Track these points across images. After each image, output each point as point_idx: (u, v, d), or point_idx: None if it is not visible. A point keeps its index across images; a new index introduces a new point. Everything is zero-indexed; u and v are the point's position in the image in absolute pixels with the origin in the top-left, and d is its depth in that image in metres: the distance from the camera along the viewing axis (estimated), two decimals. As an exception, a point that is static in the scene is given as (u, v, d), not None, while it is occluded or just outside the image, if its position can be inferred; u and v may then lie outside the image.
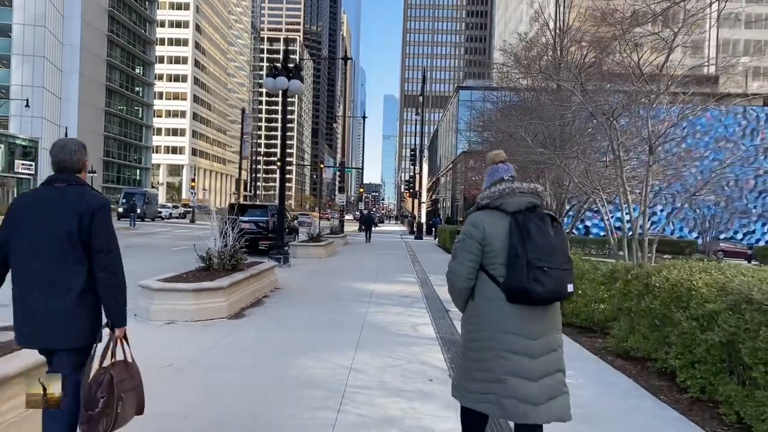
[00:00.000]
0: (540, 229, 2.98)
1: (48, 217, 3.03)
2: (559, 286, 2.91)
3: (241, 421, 4.36)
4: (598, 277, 7.86)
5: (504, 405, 2.96)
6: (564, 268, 2.95)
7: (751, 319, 4.42)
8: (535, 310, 3.00)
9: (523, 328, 2.98)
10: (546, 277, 2.86)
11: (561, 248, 3.00)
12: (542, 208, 3.17)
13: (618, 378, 6.02)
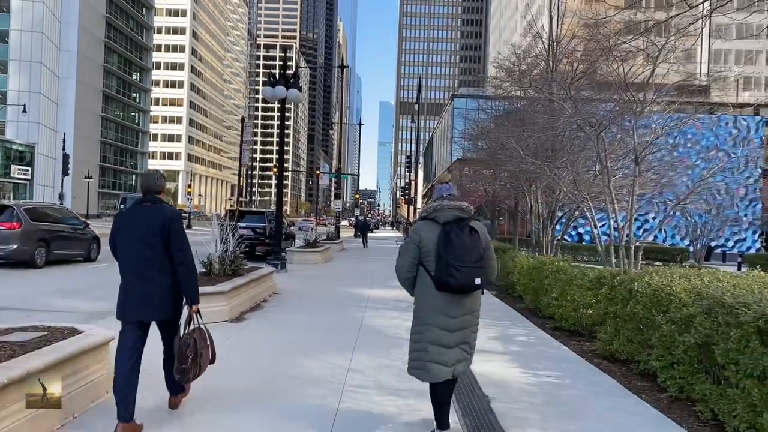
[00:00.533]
0: (458, 237, 3.97)
1: (139, 226, 4.31)
2: (468, 280, 3.91)
3: (248, 415, 4.65)
4: (585, 283, 8.18)
5: (431, 371, 4.04)
6: (473, 267, 3.93)
7: (723, 321, 4.74)
8: (455, 297, 4.01)
9: (446, 309, 4.04)
10: (458, 273, 3.87)
11: (473, 251, 3.97)
12: (467, 220, 4.11)
13: (602, 378, 6.34)
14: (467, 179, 33.57)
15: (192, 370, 4.44)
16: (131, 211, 4.50)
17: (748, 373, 4.39)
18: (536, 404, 5.27)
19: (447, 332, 4.06)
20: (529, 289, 11.02)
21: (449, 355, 4.06)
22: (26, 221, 15.23)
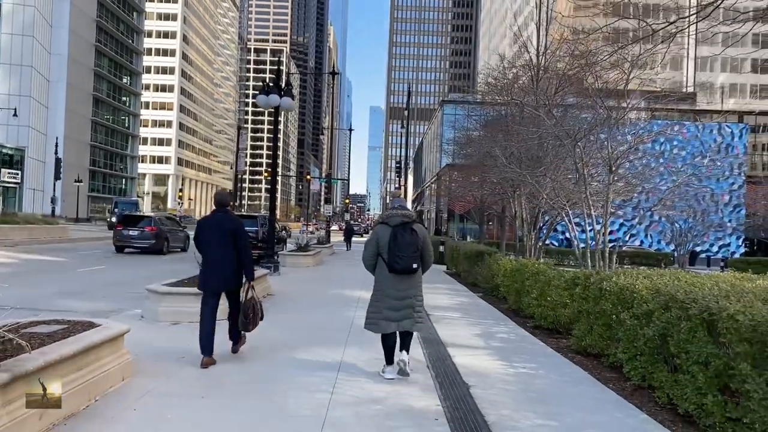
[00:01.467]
0: (402, 235, 5.93)
1: (217, 227, 6.55)
2: (408, 265, 5.90)
3: (252, 401, 5.18)
4: (562, 284, 8.76)
5: (381, 326, 6.00)
6: (412, 256, 5.91)
7: (676, 315, 5.33)
8: (401, 276, 5.97)
9: (395, 284, 6.01)
10: (401, 260, 5.87)
11: (411, 245, 5.92)
12: (410, 224, 6.04)
13: (574, 370, 6.91)
14: (456, 185, 34.20)
15: (251, 323, 6.59)
16: (211, 218, 6.73)
17: (695, 360, 4.97)
18: (511, 391, 5.84)
19: (396, 300, 6.00)
20: (511, 291, 11.60)
21: (396, 315, 5.98)
22: (159, 226, 23.81)
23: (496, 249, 17.57)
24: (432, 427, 4.62)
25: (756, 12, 7.21)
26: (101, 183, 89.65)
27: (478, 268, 15.81)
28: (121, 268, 18.18)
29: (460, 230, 59.97)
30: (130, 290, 12.47)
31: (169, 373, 5.89)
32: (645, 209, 12.20)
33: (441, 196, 57.20)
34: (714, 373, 4.78)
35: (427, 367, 6.63)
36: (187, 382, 5.66)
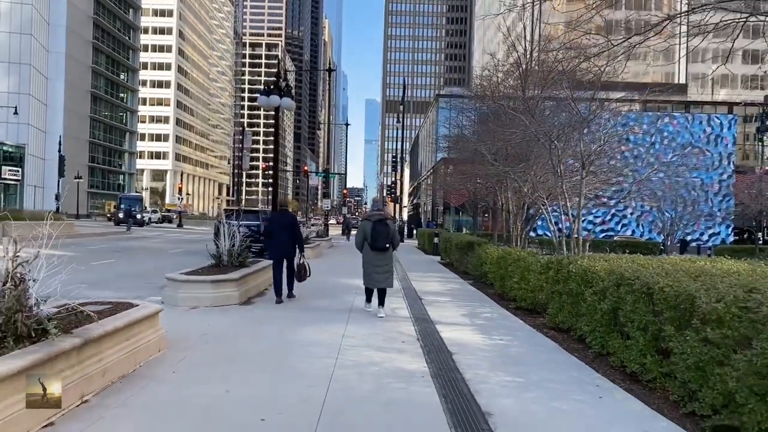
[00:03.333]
0: (379, 227, 9.52)
1: (282, 220, 11.09)
2: (383, 245, 9.50)
3: (270, 365, 6.19)
4: (538, 268, 9.78)
5: (372, 283, 9.60)
6: (385, 239, 9.50)
7: (624, 291, 6.35)
8: (379, 253, 9.53)
9: (375, 258, 9.53)
10: (379, 242, 9.49)
11: (384, 233, 9.50)
12: (384, 220, 9.66)
13: (545, 342, 7.95)
14: (451, 178, 35.17)
15: (303, 276, 11.08)
16: (277, 214, 11.63)
17: (637, 326, 6.01)
18: (488, 356, 6.87)
19: (377, 266, 9.48)
20: (497, 277, 12.63)
21: (378, 278, 9.49)
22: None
23: (485, 239, 18.58)
24: (418, 382, 5.65)
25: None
26: (100, 179, 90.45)
27: (468, 258, 16.85)
28: (129, 262, 19.16)
29: (455, 222, 60.92)
30: (144, 281, 13.46)
31: (196, 347, 6.90)
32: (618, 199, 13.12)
33: (437, 190, 58.19)
34: (651, 337, 5.81)
35: (417, 340, 7.64)
36: (214, 352, 6.68)
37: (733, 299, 4.63)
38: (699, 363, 4.86)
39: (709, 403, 4.73)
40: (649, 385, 5.86)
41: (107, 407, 4.67)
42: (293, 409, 4.77)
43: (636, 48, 8.90)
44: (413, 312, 10.03)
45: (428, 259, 25.45)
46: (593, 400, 5.38)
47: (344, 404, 4.91)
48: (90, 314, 5.22)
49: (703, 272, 6.09)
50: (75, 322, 5.18)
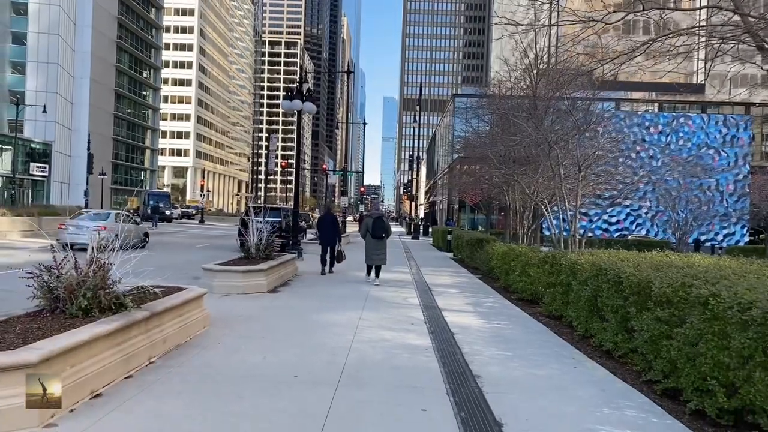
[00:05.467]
0: (377, 222, 14.07)
1: (328, 218, 16.50)
2: (380, 235, 13.84)
3: (298, 340, 7.33)
4: (536, 263, 10.83)
5: (371, 260, 13.98)
6: (382, 231, 13.89)
7: (602, 279, 7.40)
8: (377, 240, 13.85)
9: (375, 244, 13.89)
10: (377, 233, 13.80)
11: (381, 226, 13.96)
12: (381, 217, 14.57)
13: (538, 326, 9.02)
14: (466, 177, 36.11)
15: (339, 260, 15.74)
16: (325, 215, 16.91)
17: (611, 309, 7.06)
18: (485, 337, 7.96)
19: (375, 250, 13.83)
20: (502, 271, 13.69)
21: (375, 257, 13.83)
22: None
23: (494, 237, 19.60)
24: (422, 353, 6.77)
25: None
26: (123, 176, 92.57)
27: (478, 254, 17.90)
28: (161, 255, 20.45)
29: (470, 221, 61.78)
30: (178, 272, 14.66)
31: (234, 325, 8.07)
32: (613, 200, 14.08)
33: (453, 188, 59.09)
34: (621, 318, 6.86)
35: (424, 323, 8.75)
36: (250, 330, 7.84)
37: (681, 285, 5.66)
38: (652, 337, 5.91)
39: (660, 370, 5.78)
40: (621, 359, 6.91)
41: (170, 367, 5.83)
42: (319, 370, 5.90)
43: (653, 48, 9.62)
44: (423, 301, 11.14)
45: (441, 255, 26.51)
46: (567, 368, 6.45)
47: (360, 367, 6.03)
48: (156, 292, 6.42)
49: (667, 265, 7.11)
50: (143, 298, 6.36)
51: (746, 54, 9.86)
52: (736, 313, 4.51)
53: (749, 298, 4.51)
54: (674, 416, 5.03)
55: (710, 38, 8.66)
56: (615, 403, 5.27)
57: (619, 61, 8.59)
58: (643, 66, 9.62)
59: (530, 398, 5.31)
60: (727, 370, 4.68)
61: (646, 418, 4.93)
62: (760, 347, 4.29)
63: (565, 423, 4.69)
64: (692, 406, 5.09)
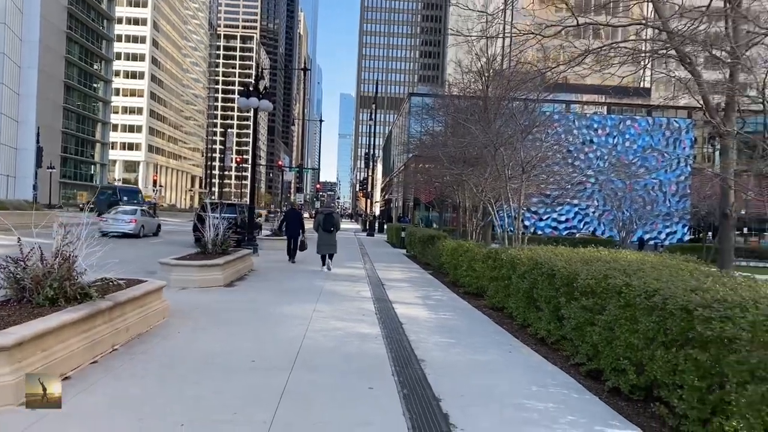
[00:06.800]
0: (328, 217, 16.44)
1: (294, 215, 19.10)
2: (329, 227, 15.97)
3: (254, 330, 7.73)
4: (481, 258, 11.47)
5: (323, 250, 15.99)
6: (332, 224, 16.08)
7: (537, 273, 8.03)
8: (328, 233, 15.94)
9: (326, 236, 15.97)
10: (327, 226, 15.99)
11: (331, 221, 16.13)
12: (332, 213, 17.35)
13: (481, 317, 9.64)
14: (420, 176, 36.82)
15: (302, 249, 17.85)
16: (290, 211, 20.25)
17: (545, 300, 7.70)
18: (431, 326, 8.52)
19: (327, 242, 15.88)
20: (451, 266, 14.32)
21: (326, 248, 15.88)
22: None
23: (446, 234, 20.27)
24: (372, 341, 7.27)
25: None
26: (72, 170, 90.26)
27: (429, 250, 18.53)
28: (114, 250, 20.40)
29: (425, 218, 62.71)
30: (133, 267, 14.80)
31: (192, 316, 8.40)
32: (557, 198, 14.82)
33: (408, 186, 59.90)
34: (554, 308, 7.50)
35: (375, 314, 9.25)
36: (208, 320, 8.20)
37: (603, 277, 6.31)
38: (579, 324, 6.56)
39: (585, 354, 6.43)
40: (553, 346, 7.55)
41: (133, 354, 6.17)
42: (275, 356, 6.33)
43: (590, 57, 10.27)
44: (375, 294, 11.65)
45: (395, 251, 27.10)
46: (504, 354, 7.06)
47: (314, 353, 6.50)
48: (120, 283, 6.74)
49: (595, 260, 7.79)
50: (106, 289, 6.67)
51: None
52: (644, 300, 5.16)
53: (654, 287, 5.16)
54: (594, 393, 5.66)
55: (639, 52, 9.39)
56: (543, 383, 5.87)
57: (558, 71, 9.24)
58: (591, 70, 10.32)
59: (467, 379, 5.86)
60: (636, 351, 5.32)
61: (567, 394, 5.55)
62: (662, 329, 4.94)
63: (496, 398, 5.26)
64: (610, 384, 5.73)
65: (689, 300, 4.59)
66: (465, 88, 19.91)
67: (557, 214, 57.02)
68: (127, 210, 28.64)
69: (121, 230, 26.54)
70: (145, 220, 28.83)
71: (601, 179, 48.89)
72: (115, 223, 26.58)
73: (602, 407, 5.25)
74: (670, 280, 5.32)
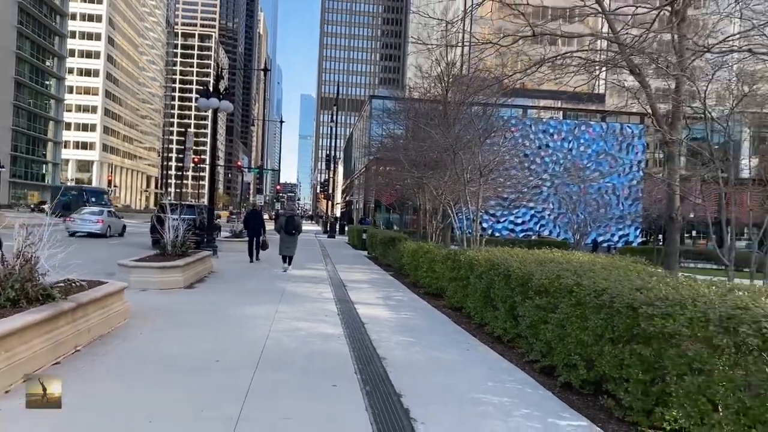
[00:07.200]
0: (290, 219, 16.51)
1: (256, 216, 19.67)
2: (291, 230, 16.23)
3: (217, 331, 7.79)
4: (440, 259, 11.75)
5: (284, 251, 16.32)
6: (293, 227, 16.32)
7: (494, 273, 8.32)
8: (289, 236, 16.26)
9: (288, 238, 16.32)
10: (288, 229, 16.22)
11: (293, 224, 16.37)
12: (294, 216, 17.27)
13: (441, 317, 9.89)
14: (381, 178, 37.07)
15: (264, 248, 18.79)
16: (252, 212, 20.72)
17: (501, 300, 7.99)
18: (392, 326, 8.72)
19: (288, 243, 16.27)
20: (411, 267, 14.57)
21: (287, 250, 16.27)
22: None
23: (407, 236, 20.55)
24: (335, 340, 7.43)
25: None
26: (23, 169, 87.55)
27: (390, 252, 18.76)
28: (78, 251, 20.02)
29: (386, 220, 63.05)
30: (93, 268, 14.59)
31: (154, 318, 8.41)
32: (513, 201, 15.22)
33: (369, 188, 60.13)
34: (509, 307, 7.79)
35: (338, 315, 9.41)
36: (169, 322, 8.22)
37: (555, 277, 6.61)
38: (533, 322, 6.85)
39: (539, 351, 6.72)
40: (509, 344, 7.84)
41: (95, 355, 6.19)
42: (239, 356, 6.43)
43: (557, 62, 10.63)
44: (337, 295, 11.79)
45: (356, 253, 27.26)
46: (462, 352, 7.31)
47: (277, 353, 6.62)
48: (82, 284, 6.73)
49: (549, 260, 8.13)
50: (69, 290, 6.65)
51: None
52: (593, 299, 5.47)
53: (603, 286, 5.47)
54: (547, 388, 5.94)
55: (593, 62, 9.81)
56: (498, 378, 6.13)
57: (515, 78, 9.57)
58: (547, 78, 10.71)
59: (427, 376, 6.08)
60: (586, 347, 5.62)
61: (522, 389, 5.82)
62: (609, 326, 5.25)
63: (454, 394, 5.48)
64: (562, 380, 6.02)
65: (634, 298, 4.91)
66: (425, 93, 20.22)
67: (514, 217, 58.05)
68: (94, 210, 29.68)
69: (88, 230, 27.35)
70: (112, 221, 29.52)
71: (557, 183, 50.14)
72: (82, 223, 27.55)
73: (555, 401, 5.52)
74: (618, 280, 5.64)
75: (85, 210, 29.74)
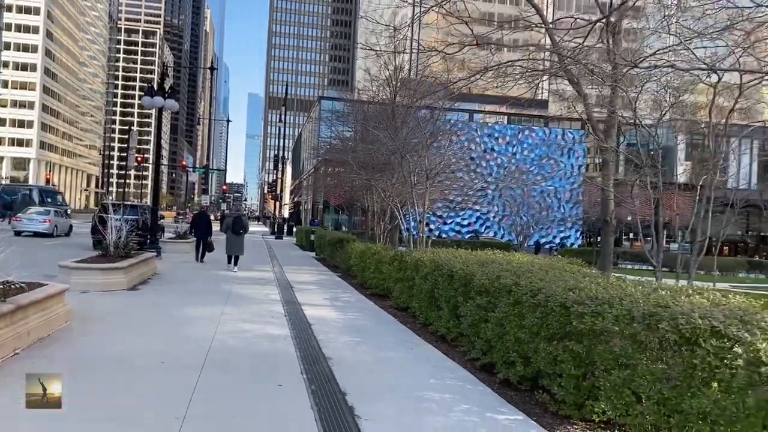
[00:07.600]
0: (236, 220, 17.38)
1: (204, 218, 19.84)
2: (237, 231, 17.01)
3: (162, 332, 7.75)
4: (387, 260, 11.94)
5: (230, 251, 17.04)
6: (239, 227, 17.07)
7: (438, 274, 8.55)
8: (236, 235, 17.02)
9: (234, 238, 17.05)
10: (235, 229, 16.95)
11: (240, 223, 17.25)
12: (240, 216, 18.82)
13: (387, 317, 10.08)
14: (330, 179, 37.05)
15: (211, 249, 18.74)
16: (200, 213, 20.93)
17: (445, 300, 8.22)
18: (339, 327, 8.85)
19: (234, 243, 16.96)
20: (359, 268, 14.72)
21: (233, 250, 16.96)
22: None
23: (355, 237, 20.70)
24: (281, 341, 7.51)
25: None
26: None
27: (338, 253, 18.86)
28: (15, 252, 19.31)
29: (335, 221, 62.98)
30: (35, 270, 14.16)
31: (96, 320, 8.29)
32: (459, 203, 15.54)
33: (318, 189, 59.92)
34: (452, 307, 8.03)
35: (284, 316, 9.47)
36: (113, 324, 8.13)
37: (496, 277, 6.88)
38: (474, 321, 7.10)
39: (479, 349, 6.97)
40: (452, 342, 8.08)
41: (35, 357, 6.09)
42: (184, 357, 6.44)
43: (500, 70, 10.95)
44: (284, 297, 11.83)
45: (304, 254, 27.22)
46: (407, 351, 7.50)
47: (223, 353, 6.66)
48: (22, 286, 6.59)
49: (491, 261, 8.42)
50: (7, 292, 6.51)
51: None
52: (529, 298, 5.74)
53: (539, 286, 5.75)
54: (487, 385, 6.18)
55: (535, 71, 10.19)
56: (441, 376, 6.35)
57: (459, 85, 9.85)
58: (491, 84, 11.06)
59: (373, 375, 6.24)
60: (523, 345, 5.89)
61: (463, 386, 6.05)
62: (544, 324, 5.52)
63: (399, 391, 5.66)
64: (501, 376, 6.28)
65: (566, 297, 5.20)
66: (374, 96, 20.43)
67: (460, 219, 58.93)
68: (41, 210, 30.10)
69: (35, 230, 27.53)
70: (59, 221, 29.51)
71: (501, 186, 51.28)
72: (29, 222, 27.89)
73: (494, 397, 5.76)
74: (552, 280, 5.93)
75: (31, 209, 29.88)
